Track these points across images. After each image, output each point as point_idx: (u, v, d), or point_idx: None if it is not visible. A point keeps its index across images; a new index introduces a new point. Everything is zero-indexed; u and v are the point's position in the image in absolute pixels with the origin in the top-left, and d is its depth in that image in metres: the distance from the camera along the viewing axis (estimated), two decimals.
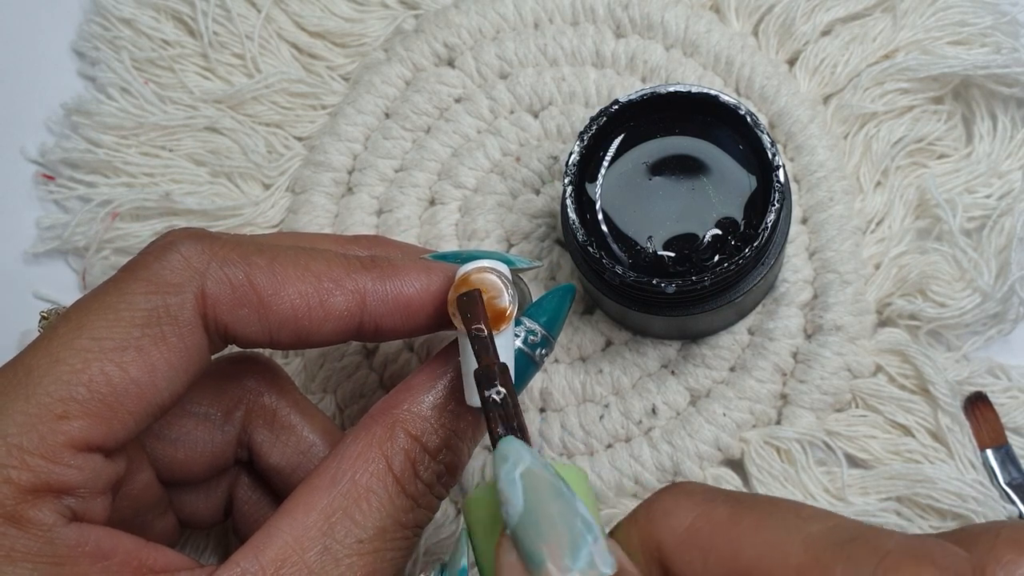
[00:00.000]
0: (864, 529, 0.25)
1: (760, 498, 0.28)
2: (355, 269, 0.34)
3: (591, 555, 0.25)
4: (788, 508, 0.27)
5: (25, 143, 0.52)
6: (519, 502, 0.26)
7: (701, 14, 0.49)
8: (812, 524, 0.26)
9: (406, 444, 0.33)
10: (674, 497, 0.28)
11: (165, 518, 0.38)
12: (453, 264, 0.35)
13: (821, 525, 0.26)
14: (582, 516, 0.26)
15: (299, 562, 0.31)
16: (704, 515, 0.27)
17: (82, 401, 0.30)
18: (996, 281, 0.45)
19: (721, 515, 0.27)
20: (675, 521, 0.27)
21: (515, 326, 0.35)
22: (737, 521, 0.26)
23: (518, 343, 0.35)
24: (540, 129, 0.49)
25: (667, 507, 0.28)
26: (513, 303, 0.33)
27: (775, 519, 0.26)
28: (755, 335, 0.46)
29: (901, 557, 0.24)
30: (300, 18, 0.52)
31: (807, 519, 0.26)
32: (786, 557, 0.25)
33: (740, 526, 0.26)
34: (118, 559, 0.30)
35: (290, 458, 0.38)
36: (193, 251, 0.32)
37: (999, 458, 0.44)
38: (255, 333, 0.33)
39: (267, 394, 0.38)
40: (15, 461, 0.29)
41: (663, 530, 0.27)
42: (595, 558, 0.25)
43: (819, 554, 0.25)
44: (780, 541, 0.25)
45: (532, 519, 0.26)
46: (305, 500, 0.32)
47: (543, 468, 0.27)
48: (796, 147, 0.47)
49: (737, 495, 0.28)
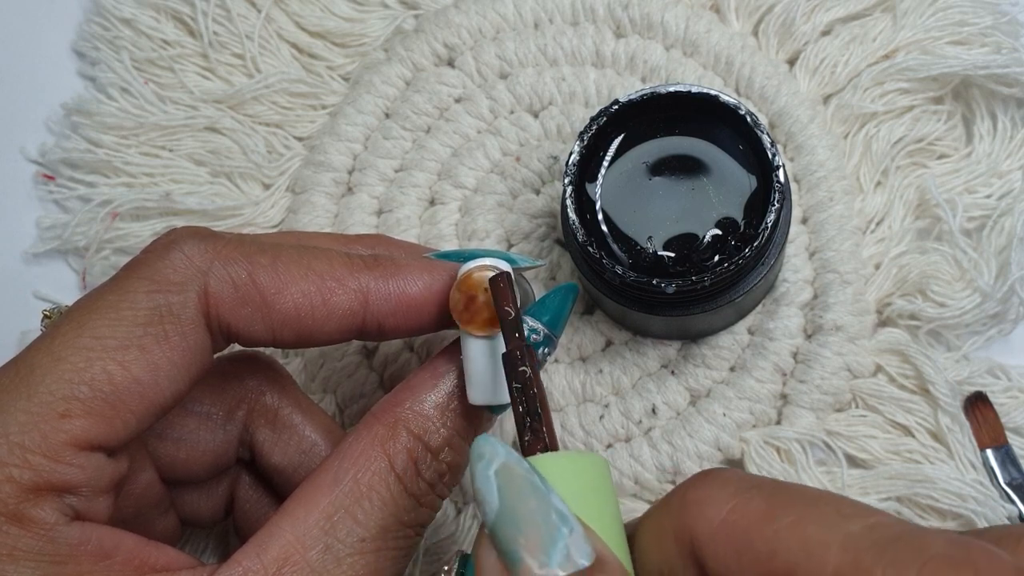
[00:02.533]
0: (906, 529, 0.25)
1: (798, 490, 0.27)
2: (358, 268, 0.34)
3: (567, 548, 0.25)
4: (827, 504, 0.26)
5: (25, 143, 0.52)
6: (495, 500, 0.26)
7: (701, 14, 0.49)
8: (852, 523, 0.25)
9: (408, 443, 0.33)
10: (708, 487, 0.27)
11: (167, 517, 0.38)
12: (456, 263, 0.35)
13: (861, 523, 0.25)
14: (557, 509, 0.26)
15: (301, 561, 0.31)
16: (739, 508, 0.26)
17: (84, 400, 0.30)
18: (996, 281, 0.45)
19: (757, 509, 0.26)
20: (710, 512, 0.27)
21: None
22: (773, 517, 0.26)
23: None
24: (540, 129, 0.49)
25: (701, 497, 0.27)
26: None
27: (813, 516, 0.25)
28: (755, 335, 0.46)
29: (944, 563, 0.23)
30: (300, 18, 0.52)
31: (847, 517, 0.25)
32: (824, 559, 0.24)
33: (777, 523, 0.25)
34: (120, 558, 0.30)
35: (292, 457, 0.38)
36: (196, 250, 0.32)
37: (999, 458, 0.44)
38: (258, 332, 0.33)
39: (269, 393, 0.38)
40: (17, 460, 0.29)
41: (697, 521, 0.27)
42: (571, 551, 0.25)
43: (858, 556, 0.24)
44: (818, 541, 0.25)
45: (508, 516, 0.26)
46: (307, 499, 0.32)
47: (517, 464, 0.26)
48: (796, 147, 0.47)
49: (774, 485, 0.27)
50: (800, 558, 0.25)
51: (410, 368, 0.47)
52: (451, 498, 0.46)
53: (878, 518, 0.25)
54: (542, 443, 0.29)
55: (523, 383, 0.30)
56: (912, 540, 0.24)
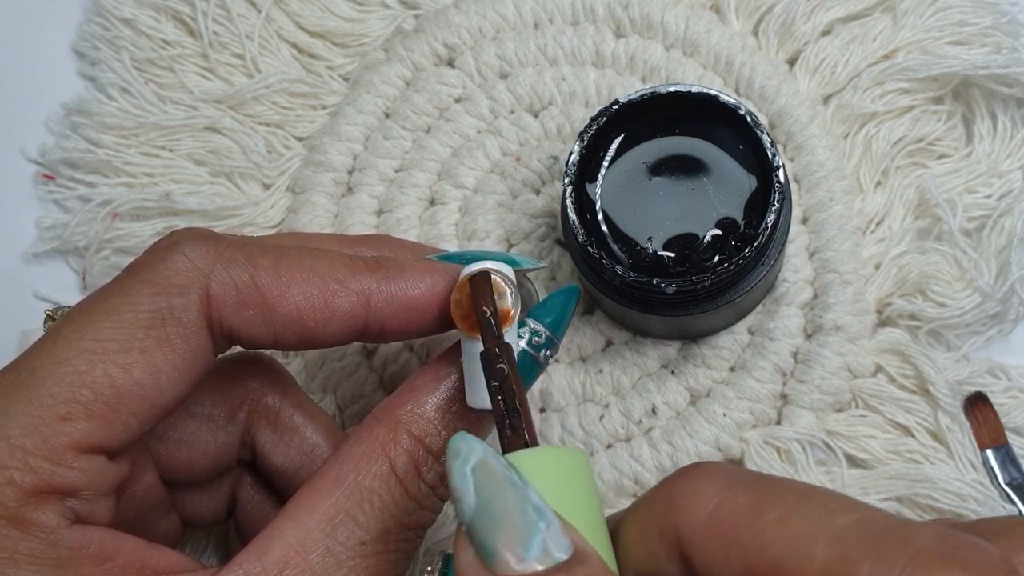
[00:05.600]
0: (894, 523, 0.24)
1: (786, 484, 0.27)
2: (360, 270, 0.34)
3: (545, 542, 0.25)
4: (815, 498, 0.26)
5: (25, 143, 0.52)
6: (471, 497, 0.26)
7: (701, 14, 0.49)
8: (839, 517, 0.25)
9: (409, 445, 0.33)
10: (694, 481, 0.27)
11: (168, 518, 0.38)
12: (458, 265, 0.35)
13: (849, 518, 0.25)
14: (534, 504, 0.25)
15: (302, 564, 0.31)
16: (726, 502, 0.26)
17: (85, 403, 0.30)
18: (996, 281, 0.45)
19: (744, 503, 0.26)
20: (696, 506, 0.26)
21: (519, 327, 0.35)
22: (760, 512, 0.26)
23: (522, 344, 0.35)
24: (540, 129, 0.49)
25: (687, 491, 0.27)
26: (516, 304, 0.33)
27: (801, 511, 0.25)
28: (755, 335, 0.46)
29: (931, 559, 0.23)
30: (300, 18, 0.52)
31: (834, 511, 0.25)
32: (812, 554, 0.24)
33: (764, 518, 0.25)
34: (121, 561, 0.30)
35: (293, 459, 0.38)
36: (197, 252, 0.32)
37: (999, 458, 0.44)
38: (260, 334, 0.33)
39: (270, 395, 0.38)
40: (18, 463, 0.29)
41: (683, 515, 0.27)
42: (549, 544, 0.25)
43: (846, 550, 0.24)
44: (806, 536, 0.25)
45: (485, 512, 0.25)
46: (308, 502, 0.32)
47: (494, 459, 0.26)
48: (796, 147, 0.47)
49: (761, 479, 0.27)
50: (787, 553, 0.25)
51: (410, 368, 0.47)
52: None
53: (865, 512, 0.25)
54: (522, 440, 0.29)
55: (501, 380, 0.30)
56: (899, 534, 0.24)
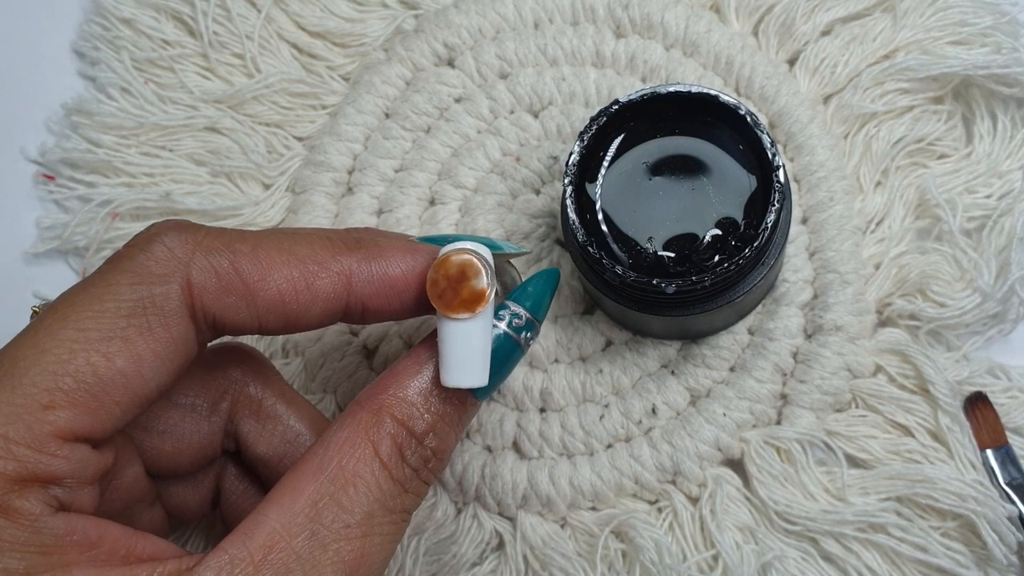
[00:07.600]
0: None
1: None
2: (340, 251, 0.34)
3: None
4: None
5: (25, 143, 0.52)
6: None
7: (701, 14, 0.49)
8: None
9: (392, 429, 0.33)
10: None
11: (153, 510, 0.38)
12: (438, 246, 0.35)
13: None
14: None
15: (287, 548, 0.31)
16: None
17: (68, 391, 0.30)
18: (996, 281, 0.45)
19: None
20: None
21: (500, 310, 0.35)
22: None
23: (503, 327, 0.35)
24: (540, 129, 0.49)
25: None
26: (492, 285, 0.33)
27: None
28: (755, 335, 0.46)
29: None
30: (300, 18, 0.52)
31: None
32: None
33: None
34: (105, 548, 0.30)
35: (276, 447, 0.38)
36: (177, 241, 0.32)
37: (999, 458, 0.44)
38: (243, 320, 0.33)
39: (252, 384, 0.38)
40: (1, 451, 0.29)
41: None
42: None
43: None
44: None
45: None
46: (292, 487, 0.32)
47: None
48: (796, 147, 0.47)
49: None
50: None
51: None
52: (452, 498, 0.46)
53: None
54: None
55: None
56: None
